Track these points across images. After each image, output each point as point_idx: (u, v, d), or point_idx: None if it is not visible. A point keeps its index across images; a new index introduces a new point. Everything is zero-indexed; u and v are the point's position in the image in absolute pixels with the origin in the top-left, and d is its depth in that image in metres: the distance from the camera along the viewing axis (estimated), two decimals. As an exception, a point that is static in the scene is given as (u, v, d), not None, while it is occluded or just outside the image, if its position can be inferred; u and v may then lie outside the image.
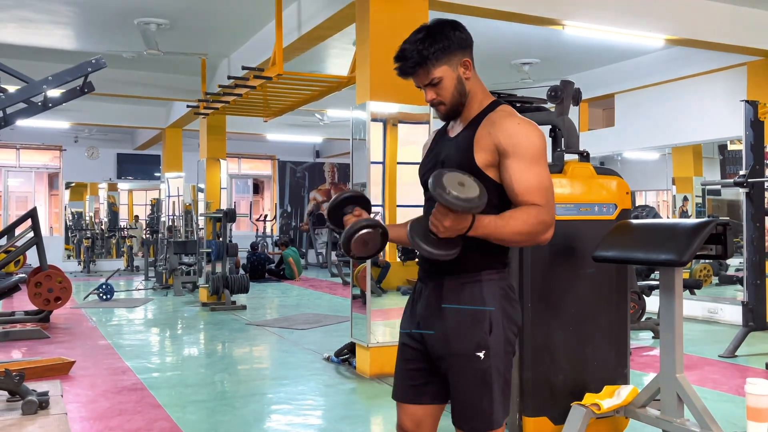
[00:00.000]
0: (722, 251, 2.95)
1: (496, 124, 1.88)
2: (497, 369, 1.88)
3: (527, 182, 1.83)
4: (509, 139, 1.85)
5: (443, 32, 1.89)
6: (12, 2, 6.61)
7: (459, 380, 1.90)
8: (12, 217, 14.09)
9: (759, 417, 2.75)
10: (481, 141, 1.88)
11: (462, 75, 1.92)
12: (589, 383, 3.30)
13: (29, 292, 7.11)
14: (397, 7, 5.12)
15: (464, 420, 1.90)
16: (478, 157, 1.88)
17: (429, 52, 1.86)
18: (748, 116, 5.88)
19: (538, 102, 4.05)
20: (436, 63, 1.88)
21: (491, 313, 1.88)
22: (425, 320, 1.98)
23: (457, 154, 1.92)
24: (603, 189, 3.42)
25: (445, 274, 1.94)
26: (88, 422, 3.95)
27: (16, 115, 5.95)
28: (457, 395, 1.91)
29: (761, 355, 5.75)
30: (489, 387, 1.87)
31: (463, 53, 1.91)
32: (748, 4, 6.67)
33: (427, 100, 1.95)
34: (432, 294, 1.97)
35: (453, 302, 1.91)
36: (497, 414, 1.88)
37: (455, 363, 1.90)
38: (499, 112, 1.93)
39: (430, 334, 1.95)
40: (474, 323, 1.88)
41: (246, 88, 7.22)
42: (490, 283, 1.91)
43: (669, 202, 10.19)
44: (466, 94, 1.94)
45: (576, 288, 3.31)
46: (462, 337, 1.89)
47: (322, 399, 4.55)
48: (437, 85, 1.91)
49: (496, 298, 1.90)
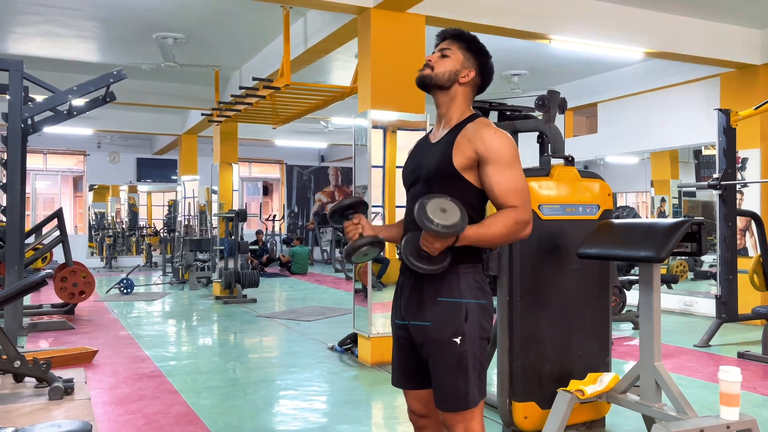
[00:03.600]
0: (697, 248, 2.96)
1: (475, 133, 1.94)
2: (473, 353, 1.92)
3: (505, 185, 1.89)
4: (486, 145, 1.91)
5: (482, 48, 2.08)
6: (40, 18, 6.60)
7: (438, 365, 1.94)
8: (40, 217, 14.07)
9: (731, 402, 2.75)
10: (460, 146, 1.94)
11: (461, 74, 2.02)
12: (574, 371, 3.30)
13: (55, 286, 7.12)
14: (397, 23, 5.13)
15: (444, 401, 1.95)
16: (456, 161, 1.93)
17: (466, 38, 2.06)
18: (721, 123, 5.89)
19: (526, 110, 4.06)
20: (460, 47, 2.04)
21: (467, 303, 1.92)
22: (408, 311, 2.01)
23: (437, 158, 1.97)
24: (587, 191, 3.42)
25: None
26: (110, 407, 3.95)
27: (43, 123, 5.96)
28: (437, 379, 1.95)
29: (733, 345, 5.75)
30: (465, 370, 1.91)
31: (475, 67, 2.04)
32: (721, 20, 6.66)
33: (427, 57, 2.06)
34: (413, 287, 2.00)
35: (432, 294, 1.95)
36: (473, 394, 1.92)
37: (434, 349, 1.93)
38: (477, 123, 1.99)
39: (413, 324, 1.99)
40: (451, 312, 1.92)
41: (256, 98, 7.22)
42: (466, 276, 1.95)
43: (648, 203, 10.18)
44: (450, 86, 2.02)
45: (562, 283, 3.31)
46: (441, 326, 1.92)
47: (326, 385, 4.55)
48: (443, 57, 2.03)
49: (472, 289, 1.94)
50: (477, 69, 2.04)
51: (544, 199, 3.28)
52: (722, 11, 6.40)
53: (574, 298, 3.33)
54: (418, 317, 1.97)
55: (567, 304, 3.29)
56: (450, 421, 1.95)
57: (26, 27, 6.92)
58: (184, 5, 6.26)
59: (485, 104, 4.02)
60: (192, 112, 11.18)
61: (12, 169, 5.17)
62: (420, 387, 2.07)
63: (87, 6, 6.27)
